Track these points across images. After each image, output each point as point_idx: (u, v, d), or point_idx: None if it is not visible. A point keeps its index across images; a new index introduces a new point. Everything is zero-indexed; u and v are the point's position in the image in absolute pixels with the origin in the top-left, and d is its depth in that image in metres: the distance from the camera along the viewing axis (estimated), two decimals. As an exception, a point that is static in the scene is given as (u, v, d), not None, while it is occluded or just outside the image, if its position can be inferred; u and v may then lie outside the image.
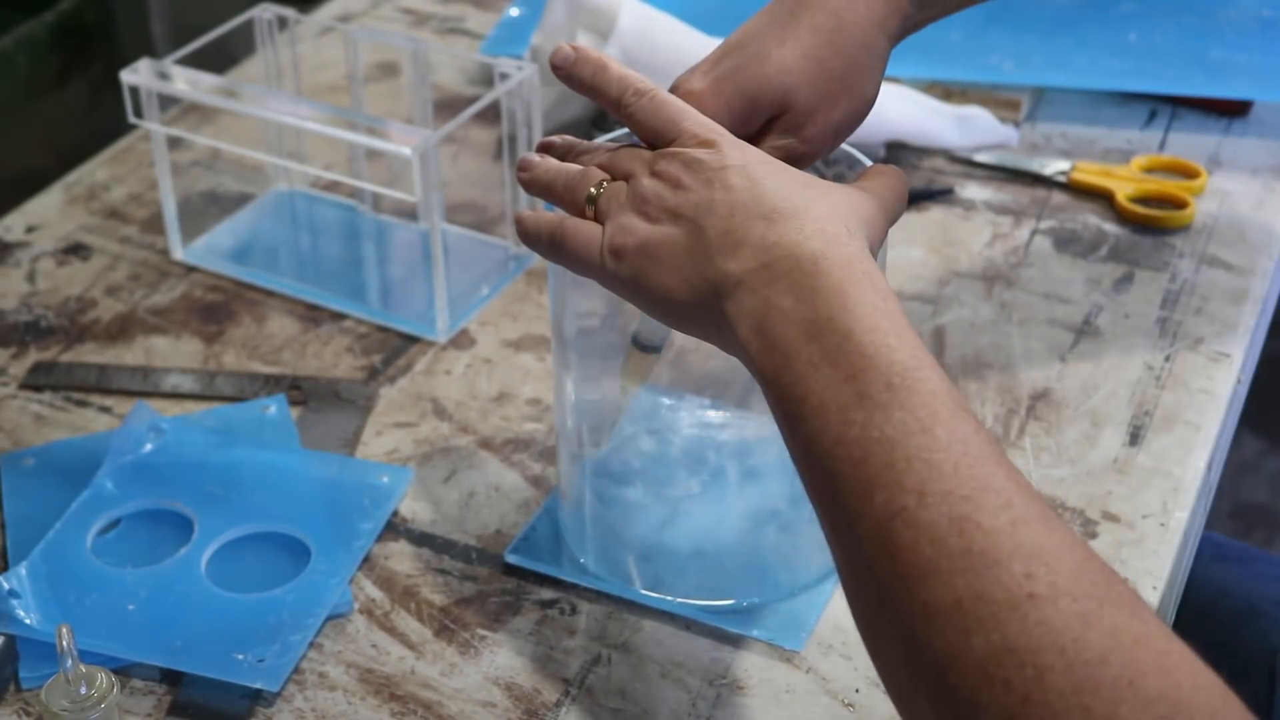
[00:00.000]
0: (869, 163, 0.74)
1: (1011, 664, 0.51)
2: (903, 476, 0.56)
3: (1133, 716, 0.49)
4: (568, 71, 0.72)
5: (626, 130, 0.73)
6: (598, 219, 0.69)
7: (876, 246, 0.67)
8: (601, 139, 0.76)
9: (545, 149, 0.74)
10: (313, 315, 1.03)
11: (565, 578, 0.82)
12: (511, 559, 0.83)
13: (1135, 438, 0.91)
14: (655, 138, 0.70)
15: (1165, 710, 0.49)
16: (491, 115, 1.03)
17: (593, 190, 0.69)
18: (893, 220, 0.70)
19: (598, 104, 0.73)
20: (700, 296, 0.65)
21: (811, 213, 0.64)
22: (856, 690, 0.76)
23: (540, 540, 0.84)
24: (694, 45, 1.12)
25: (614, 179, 0.70)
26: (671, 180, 0.67)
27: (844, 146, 0.78)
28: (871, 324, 0.60)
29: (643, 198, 0.67)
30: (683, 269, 0.65)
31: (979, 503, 0.55)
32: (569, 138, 0.75)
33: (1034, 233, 1.09)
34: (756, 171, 0.66)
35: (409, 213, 1.11)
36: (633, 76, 0.71)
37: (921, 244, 1.08)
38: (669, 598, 0.81)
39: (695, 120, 0.69)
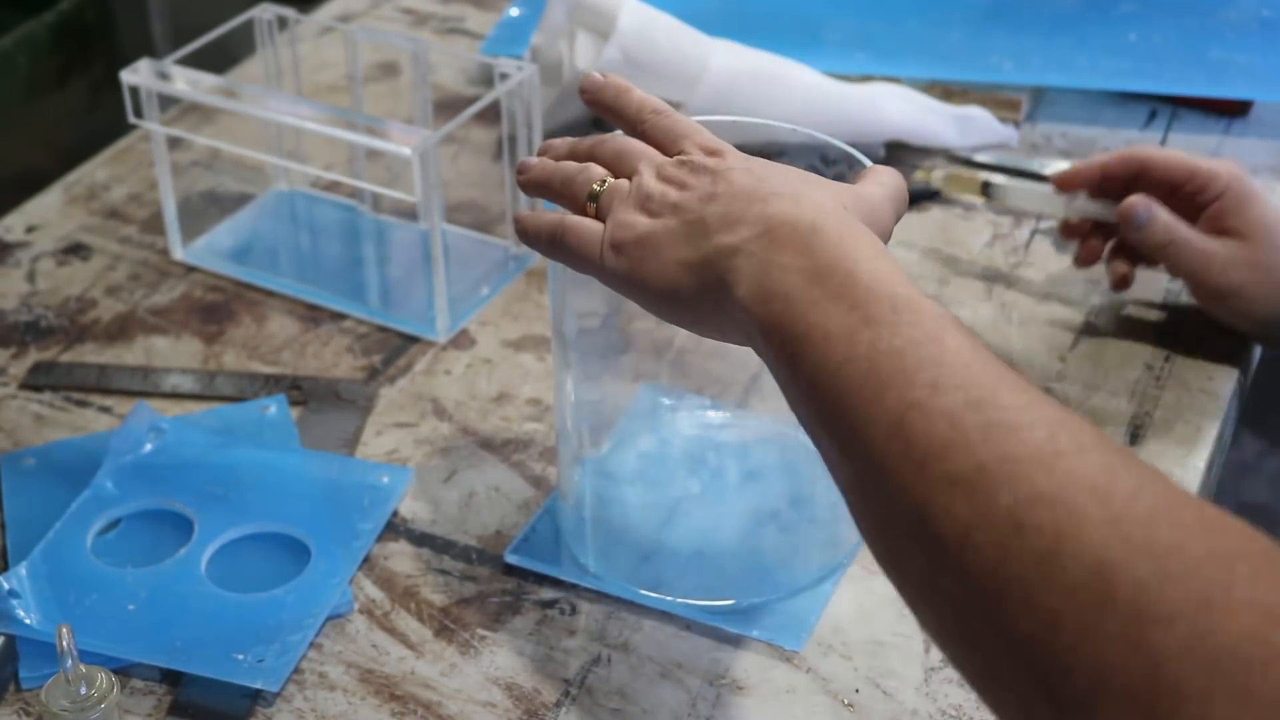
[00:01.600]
0: (869, 163, 0.74)
1: (1043, 509, 0.50)
2: (915, 375, 0.56)
3: (1173, 535, 0.49)
4: (593, 96, 0.74)
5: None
6: (599, 216, 0.69)
7: (884, 240, 0.68)
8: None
9: (545, 152, 0.75)
10: (313, 315, 1.03)
11: (565, 578, 0.82)
12: (511, 559, 0.83)
13: (1135, 438, 0.91)
14: (665, 149, 0.71)
15: (1204, 528, 0.49)
16: (491, 115, 1.03)
17: (595, 187, 0.70)
18: (898, 216, 0.70)
19: (614, 122, 0.74)
20: (696, 278, 0.65)
21: (810, 195, 0.65)
22: (856, 690, 0.76)
23: (540, 540, 0.84)
24: (694, 45, 1.12)
25: (616, 177, 0.70)
26: (677, 182, 0.67)
27: (843, 146, 0.78)
28: (870, 266, 0.61)
29: (646, 195, 0.68)
30: (680, 253, 0.65)
31: (995, 389, 0.55)
32: (569, 139, 0.75)
33: (1034, 233, 1.09)
34: (760, 170, 0.67)
35: (409, 213, 1.11)
36: (653, 99, 0.73)
37: (921, 244, 1.08)
38: (669, 598, 0.81)
39: (705, 135, 0.70)
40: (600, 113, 0.75)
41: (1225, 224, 0.95)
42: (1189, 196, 0.96)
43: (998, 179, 1.09)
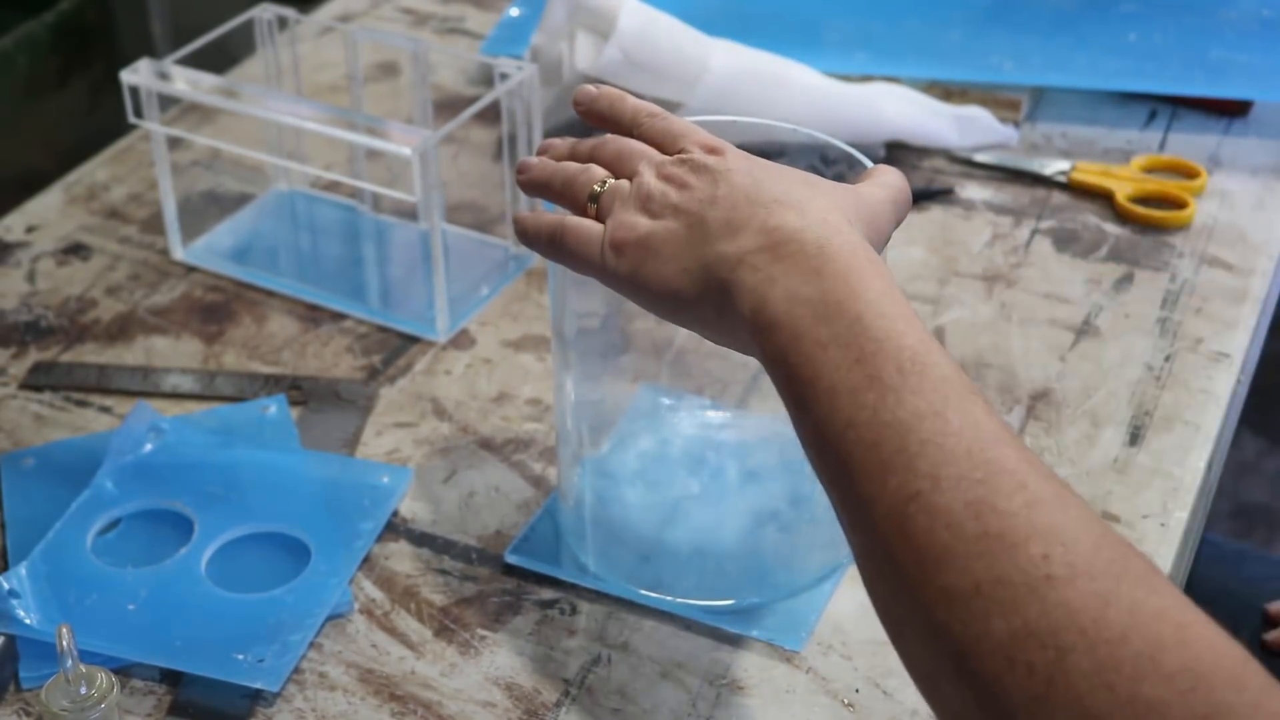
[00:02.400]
0: (869, 163, 0.74)
1: (1033, 646, 0.51)
2: (916, 460, 0.56)
3: (1156, 692, 0.50)
4: (588, 108, 0.73)
5: None
6: (599, 217, 0.69)
7: (882, 243, 0.68)
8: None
9: (544, 151, 0.75)
10: (313, 315, 1.03)
11: (565, 578, 0.82)
12: (512, 559, 0.83)
13: (1135, 438, 0.91)
14: (665, 149, 0.70)
15: (1187, 683, 0.50)
16: (491, 115, 1.03)
17: (596, 188, 0.70)
18: (900, 218, 0.70)
19: (611, 132, 0.73)
20: (698, 284, 0.65)
21: (814, 204, 0.64)
22: (856, 690, 0.76)
23: (540, 540, 0.84)
24: (694, 45, 1.12)
25: (617, 177, 0.70)
26: (678, 181, 0.67)
27: (843, 146, 0.78)
28: (879, 309, 0.60)
29: (647, 195, 0.67)
30: (682, 257, 0.65)
31: (994, 485, 0.55)
32: (570, 139, 0.75)
33: (1034, 233, 1.09)
34: (760, 171, 0.66)
35: (409, 213, 1.11)
36: (648, 104, 0.73)
37: (921, 244, 1.08)
38: (669, 598, 0.81)
39: (703, 133, 0.70)
40: (596, 123, 0.74)
41: None
42: None
43: None
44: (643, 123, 0.72)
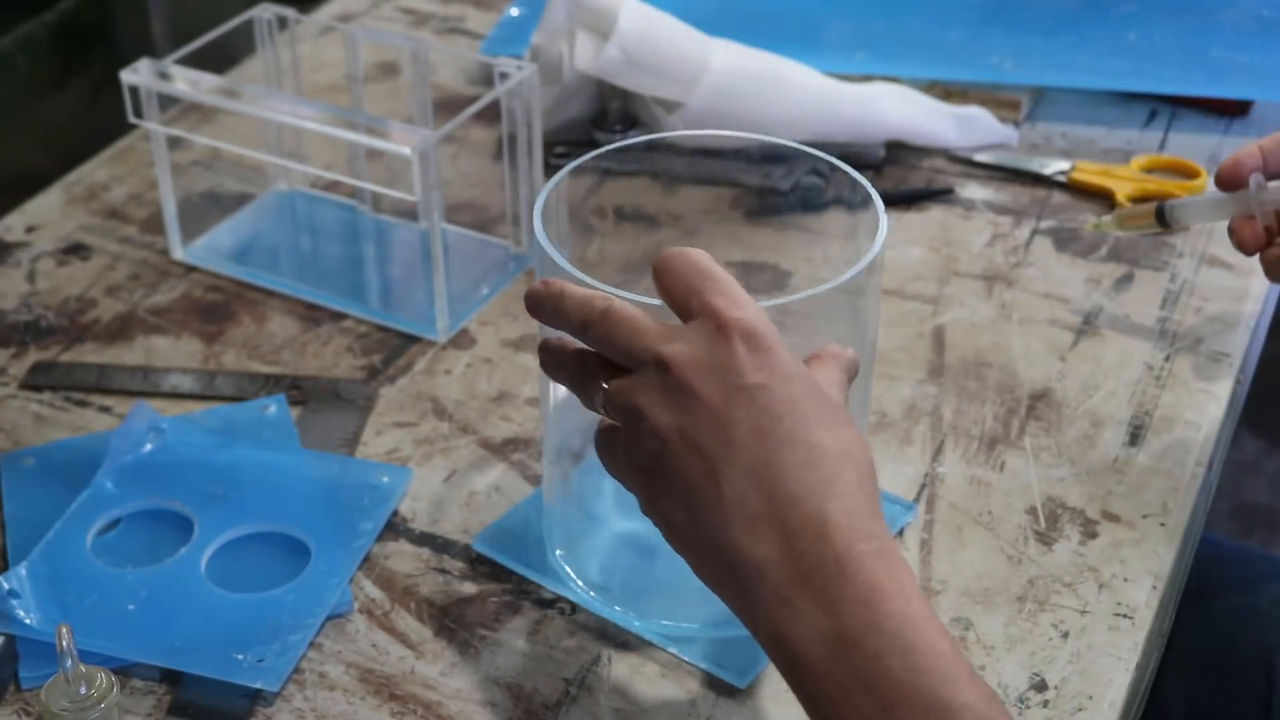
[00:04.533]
0: (865, 182, 0.74)
1: None
2: None
3: None
4: (533, 313, 0.68)
5: (627, 136, 0.72)
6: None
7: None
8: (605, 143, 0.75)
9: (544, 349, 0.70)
10: (313, 315, 1.03)
11: (527, 574, 0.82)
12: (478, 548, 0.83)
13: (1135, 437, 0.91)
14: (624, 359, 0.65)
15: None
16: (491, 115, 1.03)
17: (598, 398, 0.66)
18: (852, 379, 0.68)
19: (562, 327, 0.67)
20: (711, 566, 0.62)
21: (834, 490, 0.60)
22: (856, 690, 0.76)
23: (511, 533, 0.83)
24: (694, 45, 1.12)
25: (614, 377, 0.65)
26: (663, 442, 0.62)
27: (840, 164, 0.78)
28: (902, 643, 0.57)
29: (644, 451, 0.63)
30: (697, 531, 0.62)
31: None
32: (563, 339, 0.68)
33: (1034, 233, 1.09)
34: (771, 451, 0.61)
35: (409, 213, 1.11)
36: (593, 296, 0.66)
37: (922, 244, 1.08)
38: (632, 617, 0.79)
39: (658, 339, 0.63)
40: (549, 324, 0.68)
41: None
42: None
43: (1170, 202, 0.97)
44: (591, 326, 0.65)
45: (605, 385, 0.65)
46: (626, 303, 0.65)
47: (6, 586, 0.79)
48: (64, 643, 0.68)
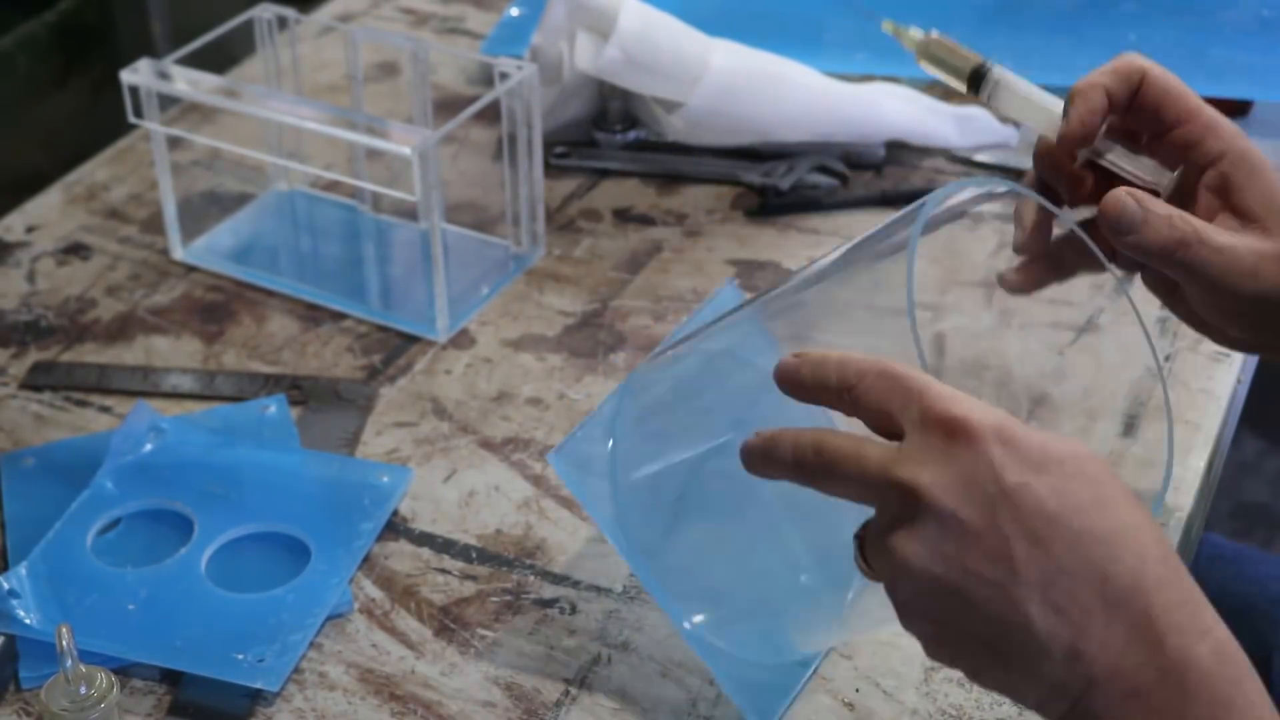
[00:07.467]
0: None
1: None
2: None
3: None
4: (785, 386, 0.60)
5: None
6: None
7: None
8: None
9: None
10: (313, 315, 1.03)
11: (587, 510, 0.77)
12: (552, 460, 0.76)
13: (1136, 437, 0.91)
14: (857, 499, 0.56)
15: None
16: (491, 115, 1.03)
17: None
18: None
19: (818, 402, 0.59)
20: (1032, 702, 0.54)
21: (1144, 581, 0.52)
22: (856, 690, 0.76)
23: (585, 455, 0.76)
24: (694, 45, 1.12)
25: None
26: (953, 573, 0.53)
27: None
28: None
29: (918, 589, 0.54)
30: (1008, 672, 0.53)
31: None
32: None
33: (1034, 233, 1.09)
34: (1053, 504, 0.52)
35: (409, 213, 1.11)
36: (861, 363, 0.57)
37: (923, 251, 1.08)
38: (655, 598, 0.76)
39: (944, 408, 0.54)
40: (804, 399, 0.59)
41: (1234, 202, 0.71)
42: (1175, 148, 0.75)
43: (999, 70, 0.83)
44: (855, 386, 0.56)
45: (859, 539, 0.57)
46: (841, 436, 0.57)
47: (6, 586, 0.79)
48: (64, 643, 0.68)
